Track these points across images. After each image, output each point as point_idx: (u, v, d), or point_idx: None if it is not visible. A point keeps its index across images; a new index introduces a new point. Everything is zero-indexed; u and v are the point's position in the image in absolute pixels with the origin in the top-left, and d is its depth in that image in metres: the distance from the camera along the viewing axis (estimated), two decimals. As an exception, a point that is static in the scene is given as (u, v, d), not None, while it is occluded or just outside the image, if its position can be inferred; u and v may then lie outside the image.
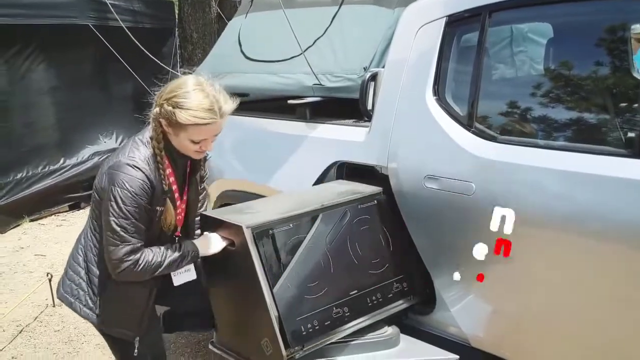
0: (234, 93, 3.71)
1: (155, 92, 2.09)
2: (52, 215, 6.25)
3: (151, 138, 2.04)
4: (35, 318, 3.96)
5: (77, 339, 3.72)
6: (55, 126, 6.29)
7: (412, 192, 2.34)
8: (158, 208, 2.04)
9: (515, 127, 2.18)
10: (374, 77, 2.59)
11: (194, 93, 1.96)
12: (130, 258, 1.96)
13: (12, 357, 3.50)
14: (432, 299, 2.42)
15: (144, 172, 1.97)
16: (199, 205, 2.34)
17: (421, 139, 2.34)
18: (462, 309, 2.33)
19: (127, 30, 4.74)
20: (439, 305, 2.40)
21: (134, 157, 1.99)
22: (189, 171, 2.20)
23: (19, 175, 5.87)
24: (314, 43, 3.06)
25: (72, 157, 6.44)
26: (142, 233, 1.99)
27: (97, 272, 2.12)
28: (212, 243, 2.13)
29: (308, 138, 2.82)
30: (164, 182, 2.03)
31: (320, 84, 2.90)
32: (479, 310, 2.27)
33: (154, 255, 2.01)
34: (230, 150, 3.32)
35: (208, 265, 2.24)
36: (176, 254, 2.07)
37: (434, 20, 2.37)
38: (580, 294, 1.98)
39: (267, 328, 2.00)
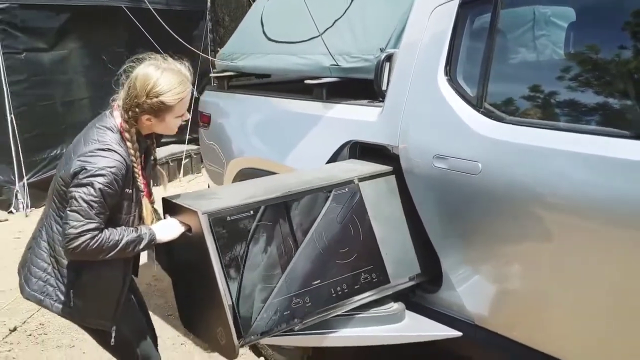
0: (255, 74, 3.83)
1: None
2: (83, 192, 6.43)
3: (121, 132, 2.06)
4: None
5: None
6: (92, 104, 6.47)
7: (421, 172, 2.37)
8: (128, 190, 2.05)
9: (523, 108, 2.19)
10: (389, 58, 2.62)
11: (164, 76, 2.05)
12: (89, 234, 1.93)
13: (40, 324, 3.65)
14: (439, 278, 2.46)
15: (119, 153, 2.00)
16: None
17: (431, 118, 2.37)
18: (467, 288, 2.35)
19: (154, 13, 4.83)
20: (445, 284, 2.43)
21: (105, 140, 2.02)
22: (144, 155, 2.22)
23: (54, 152, 6.08)
24: (333, 24, 3.09)
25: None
26: (106, 217, 1.98)
27: (67, 264, 2.08)
28: (170, 228, 2.13)
29: (323, 118, 2.87)
30: (134, 165, 2.06)
31: (338, 65, 2.93)
32: (484, 290, 2.30)
33: (110, 233, 1.99)
34: (251, 130, 3.39)
35: (169, 250, 2.21)
36: (133, 235, 2.04)
37: (447, 2, 2.38)
38: (583, 274, 1.99)
39: (221, 317, 1.96)
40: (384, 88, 2.61)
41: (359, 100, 2.79)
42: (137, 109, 2.05)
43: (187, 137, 6.94)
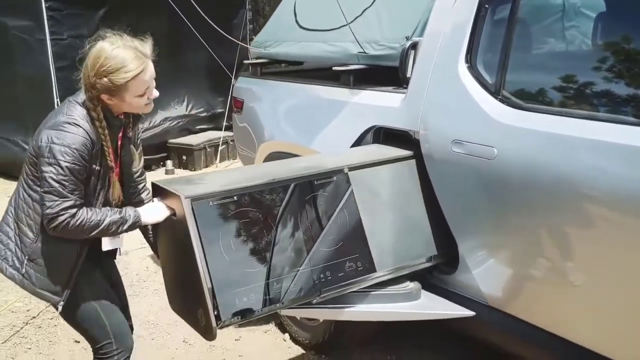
0: (287, 61, 3.95)
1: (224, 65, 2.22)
2: (125, 174, 6.68)
3: (87, 109, 2.06)
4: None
5: (138, 284, 4.06)
6: (131, 92, 6.70)
7: (440, 157, 2.45)
8: (95, 167, 2.06)
9: (539, 96, 2.25)
10: (414, 46, 2.70)
11: (114, 53, 2.00)
12: (67, 212, 1.96)
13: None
14: (455, 260, 2.53)
15: (84, 129, 2.00)
16: (137, 170, 2.35)
17: (451, 104, 2.44)
18: (482, 270, 2.43)
19: (193, 2, 4.98)
20: (461, 266, 2.51)
21: (73, 114, 2.02)
22: (121, 134, 2.22)
23: (96, 136, 6.32)
24: (362, 13, 3.18)
25: (145, 121, 6.82)
26: (81, 192, 2.01)
27: (27, 231, 2.09)
28: (156, 211, 2.14)
29: (349, 103, 2.96)
30: (104, 143, 2.06)
31: (365, 52, 3.02)
32: (498, 273, 2.36)
33: (92, 213, 2.02)
34: (281, 115, 3.51)
35: (157, 232, 2.28)
36: (116, 216, 2.06)
37: (471, -9, 2.45)
38: (593, 258, 2.04)
39: (201, 299, 2.00)
40: (408, 75, 2.69)
41: (385, 87, 2.87)
42: (92, 89, 2.02)
43: (224, 123, 7.12)
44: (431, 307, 2.48)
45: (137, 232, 2.28)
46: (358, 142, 2.83)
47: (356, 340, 3.14)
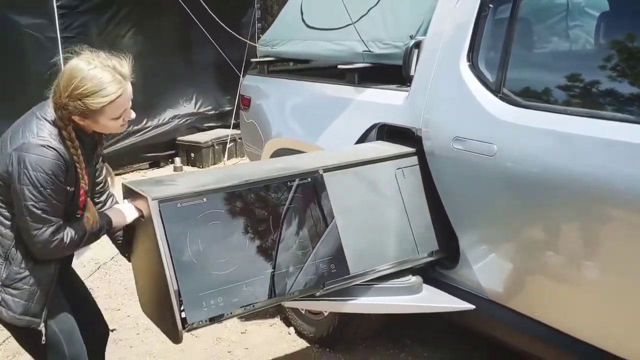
0: (294, 59, 4.01)
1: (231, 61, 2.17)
2: (133, 171, 6.78)
3: (58, 127, 1.92)
4: (112, 257, 4.41)
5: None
6: (140, 89, 6.75)
7: (441, 153, 2.50)
8: (69, 188, 1.96)
9: (538, 93, 2.30)
10: (418, 45, 2.75)
11: (90, 74, 1.87)
12: (57, 237, 1.91)
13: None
14: (456, 255, 2.58)
15: (57, 152, 1.88)
16: (101, 181, 2.27)
17: (452, 102, 2.49)
18: (482, 265, 2.47)
19: (201, 1, 5.06)
20: (462, 261, 2.56)
21: (43, 135, 1.88)
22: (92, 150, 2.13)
23: (105, 133, 6.40)
24: (367, 12, 3.23)
25: (154, 118, 6.93)
26: (61, 212, 1.94)
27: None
28: (125, 213, 2.10)
29: (354, 101, 3.02)
30: (77, 164, 1.96)
31: (370, 51, 3.07)
32: (498, 268, 2.41)
33: (75, 230, 1.97)
34: (287, 112, 3.57)
35: (127, 234, 2.25)
36: (95, 227, 2.03)
37: (473, -9, 2.50)
38: (591, 252, 2.09)
39: (167, 302, 1.97)
40: (411, 74, 2.75)
41: (388, 85, 2.93)
42: (63, 109, 1.89)
43: (232, 121, 7.20)
44: (432, 300, 2.53)
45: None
46: (362, 139, 2.88)
47: (360, 335, 3.20)
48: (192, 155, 7.00)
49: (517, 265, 2.35)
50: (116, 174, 6.34)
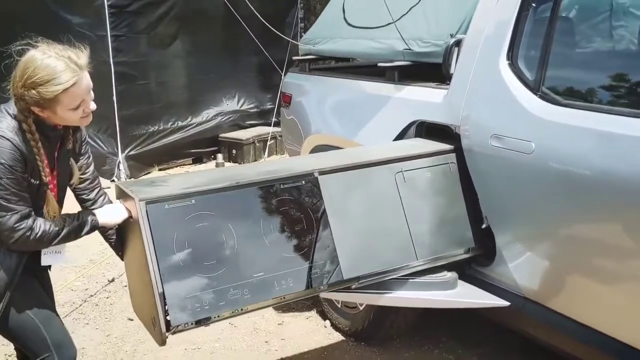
0: (335, 57, 4.06)
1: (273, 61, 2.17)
2: (177, 166, 6.95)
3: (19, 121, 1.94)
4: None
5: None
6: (185, 87, 6.97)
7: (479, 151, 2.52)
8: (33, 181, 1.97)
9: (577, 92, 2.30)
10: (458, 43, 2.77)
11: (43, 63, 1.88)
12: (22, 226, 1.92)
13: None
14: (492, 253, 2.60)
15: (12, 142, 1.88)
16: (86, 179, 2.23)
17: (491, 100, 2.51)
18: (519, 263, 2.48)
19: (246, 1, 5.17)
20: (498, 258, 2.57)
21: (1, 127, 1.90)
22: (59, 145, 2.10)
23: (151, 129, 6.61)
24: (409, 10, 3.26)
25: (198, 115, 7.09)
26: (26, 200, 1.94)
27: None
28: (114, 213, 2.11)
29: (393, 98, 3.06)
30: (37, 157, 1.96)
31: (410, 49, 3.11)
32: (534, 265, 2.42)
33: (51, 225, 1.98)
34: (328, 109, 3.63)
35: (119, 234, 2.25)
36: (75, 223, 2.04)
37: (514, -10, 2.51)
38: (630, 252, 2.07)
39: (153, 304, 1.96)
40: (451, 72, 2.77)
41: (428, 83, 2.96)
42: (21, 101, 1.90)
43: (273, 119, 7.31)
44: (467, 296, 2.55)
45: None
46: (401, 136, 2.92)
47: (395, 330, 3.23)
48: (234, 151, 7.14)
49: (553, 263, 2.36)
50: (160, 169, 6.62)
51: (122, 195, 2.14)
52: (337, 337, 3.37)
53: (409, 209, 2.47)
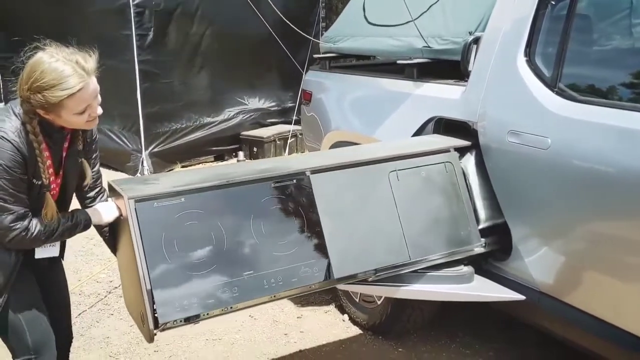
0: (355, 55, 4.11)
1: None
2: (199, 163, 7.05)
3: (24, 122, 1.93)
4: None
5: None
6: (208, 85, 7.06)
7: (496, 146, 2.56)
8: (35, 181, 1.98)
9: (594, 88, 2.32)
10: (476, 41, 2.81)
11: (50, 67, 1.86)
12: (18, 226, 1.93)
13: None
14: (508, 248, 2.63)
15: (12, 144, 1.88)
16: (95, 176, 2.25)
17: (509, 96, 2.54)
18: (535, 258, 2.51)
19: (269, 1, 5.24)
20: (514, 253, 2.60)
21: (4, 127, 1.90)
22: (67, 145, 2.11)
23: (175, 126, 6.71)
24: (428, 9, 3.30)
25: (220, 114, 7.18)
26: (24, 201, 1.95)
27: None
28: (106, 212, 2.13)
29: (412, 95, 3.10)
30: (39, 158, 1.95)
31: (429, 47, 3.15)
32: (550, 260, 2.44)
33: (46, 225, 1.99)
34: (348, 106, 3.69)
35: (112, 230, 2.26)
36: (68, 223, 2.05)
37: (532, -13, 2.54)
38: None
39: (142, 301, 1.97)
40: (469, 69, 2.81)
41: (446, 80, 2.99)
42: (27, 103, 1.90)
43: (294, 118, 7.38)
44: (483, 289, 2.59)
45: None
46: (419, 132, 2.96)
47: (412, 324, 3.27)
48: (255, 149, 7.21)
49: (568, 258, 2.38)
50: (183, 166, 6.72)
51: (113, 193, 2.17)
52: (355, 330, 3.43)
53: (402, 208, 2.44)
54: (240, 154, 7.19)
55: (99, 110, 2.01)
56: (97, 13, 6.28)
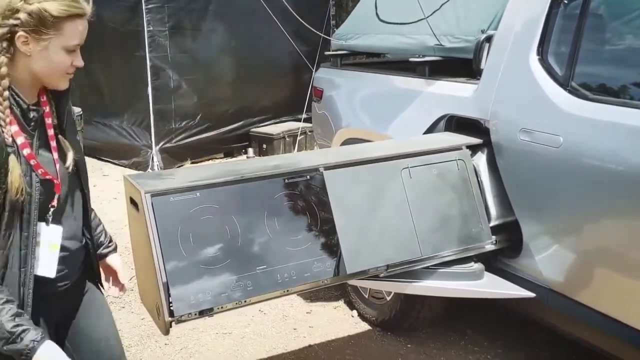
0: (366, 52, 4.13)
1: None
2: (209, 160, 7.09)
3: None
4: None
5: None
6: (218, 82, 7.09)
7: (507, 144, 2.56)
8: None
9: (606, 87, 2.33)
10: (489, 39, 2.82)
11: None
12: None
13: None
14: (519, 245, 2.64)
15: None
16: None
17: (521, 95, 2.55)
18: (545, 255, 2.52)
19: (281, -4, 5.27)
20: (524, 251, 2.61)
21: None
22: (58, 123, 1.73)
23: (185, 123, 6.75)
24: (440, 7, 3.32)
25: (231, 109, 7.21)
26: None
27: None
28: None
29: (424, 93, 3.11)
30: (2, 129, 1.53)
31: (441, 45, 3.16)
32: (561, 258, 2.45)
33: None
34: (359, 104, 3.71)
35: (129, 224, 2.26)
36: (3, 328, 1.50)
37: (545, -14, 2.55)
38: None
39: (157, 294, 1.99)
40: (481, 67, 2.82)
41: (458, 78, 3.01)
42: (10, 19, 1.51)
43: (304, 115, 7.40)
44: (493, 286, 2.60)
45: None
46: (430, 130, 2.97)
47: (421, 321, 3.29)
48: (264, 146, 7.24)
49: (579, 256, 2.39)
50: (192, 162, 6.76)
51: (126, 187, 2.18)
52: (364, 326, 3.45)
53: (414, 205, 2.45)
54: (250, 150, 7.22)
55: (81, 62, 1.65)
56: (109, 9, 6.32)
